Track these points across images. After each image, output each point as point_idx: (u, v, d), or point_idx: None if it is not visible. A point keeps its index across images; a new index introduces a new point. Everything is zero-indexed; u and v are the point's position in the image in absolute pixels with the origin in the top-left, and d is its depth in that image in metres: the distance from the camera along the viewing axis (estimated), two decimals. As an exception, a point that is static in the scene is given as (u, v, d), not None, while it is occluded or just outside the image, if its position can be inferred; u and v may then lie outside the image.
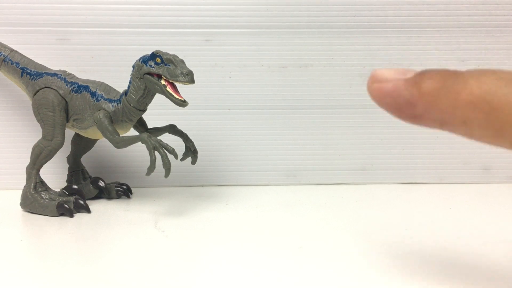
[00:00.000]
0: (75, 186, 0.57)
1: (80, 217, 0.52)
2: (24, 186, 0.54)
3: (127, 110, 0.52)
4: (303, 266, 0.39)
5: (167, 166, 0.49)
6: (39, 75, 0.55)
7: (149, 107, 0.53)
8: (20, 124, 0.63)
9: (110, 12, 0.62)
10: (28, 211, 0.53)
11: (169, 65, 0.49)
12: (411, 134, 0.67)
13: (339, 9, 0.63)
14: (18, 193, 0.54)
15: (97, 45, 0.62)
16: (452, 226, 0.50)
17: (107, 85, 0.55)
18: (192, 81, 0.49)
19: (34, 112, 0.54)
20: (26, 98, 0.61)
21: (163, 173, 0.49)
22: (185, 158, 0.56)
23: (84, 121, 0.54)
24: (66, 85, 0.54)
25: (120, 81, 0.57)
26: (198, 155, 0.57)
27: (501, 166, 0.68)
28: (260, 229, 0.48)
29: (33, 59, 0.57)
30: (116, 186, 0.59)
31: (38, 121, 0.54)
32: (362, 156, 0.67)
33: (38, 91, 0.54)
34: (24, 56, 0.57)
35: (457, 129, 0.23)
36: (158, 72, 0.49)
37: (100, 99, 0.53)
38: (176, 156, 0.50)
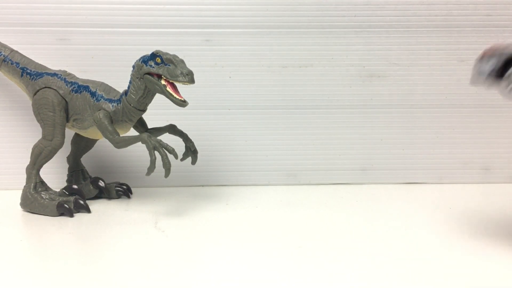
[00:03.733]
0: (75, 186, 0.57)
1: (80, 217, 0.52)
2: (24, 186, 0.54)
3: (127, 110, 0.52)
4: (302, 266, 0.39)
5: (167, 166, 0.49)
6: (39, 75, 0.55)
7: (149, 107, 0.53)
8: (20, 124, 0.63)
9: (110, 12, 0.62)
10: (28, 211, 0.53)
11: (169, 65, 0.49)
12: (411, 134, 0.67)
13: (339, 9, 0.63)
14: (18, 193, 0.54)
15: (97, 45, 0.62)
16: (452, 226, 0.50)
17: (107, 85, 0.55)
18: (192, 81, 0.49)
19: (34, 112, 0.54)
20: (26, 98, 0.61)
21: (163, 173, 0.49)
22: (185, 158, 0.56)
23: (84, 121, 0.54)
24: (66, 85, 0.54)
25: (120, 81, 0.57)
26: (198, 155, 0.57)
27: (501, 166, 0.68)
28: (260, 229, 0.48)
29: (33, 59, 0.57)
30: (116, 186, 0.59)
31: (38, 121, 0.54)
32: (362, 156, 0.67)
33: (38, 91, 0.54)
34: (24, 56, 0.57)
35: None
36: (158, 72, 0.49)
37: (100, 99, 0.53)
38: (176, 156, 0.50)
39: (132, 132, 0.56)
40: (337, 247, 0.44)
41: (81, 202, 0.53)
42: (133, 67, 0.51)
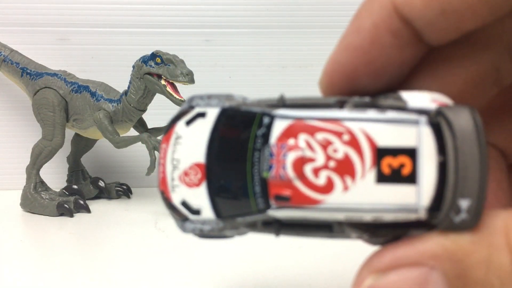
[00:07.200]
0: (75, 186, 0.57)
1: (80, 217, 0.52)
2: (24, 186, 0.54)
3: (127, 110, 0.52)
4: (302, 266, 0.39)
5: (167, 166, 0.49)
6: (39, 75, 0.55)
7: (149, 107, 0.53)
8: (20, 124, 0.63)
9: (110, 12, 0.62)
10: (28, 211, 0.53)
11: (169, 65, 0.49)
12: (411, 134, 0.66)
13: (339, 9, 0.63)
14: (18, 193, 0.54)
15: (97, 45, 0.62)
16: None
17: (107, 85, 0.55)
18: (192, 81, 0.49)
19: (34, 112, 0.54)
20: (26, 98, 0.61)
21: (163, 173, 0.49)
22: (185, 158, 0.56)
23: (84, 121, 0.54)
24: (66, 85, 0.54)
25: (120, 81, 0.57)
26: (198, 155, 0.56)
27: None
28: (260, 229, 0.48)
29: (33, 59, 0.57)
30: (116, 186, 0.59)
31: (38, 121, 0.54)
32: (362, 156, 0.67)
33: (38, 91, 0.54)
34: (24, 56, 0.57)
35: None
36: (158, 72, 0.49)
37: (100, 99, 0.53)
38: (176, 156, 0.50)
39: (132, 132, 0.56)
40: (337, 247, 0.44)
41: (81, 202, 0.53)
42: (133, 67, 0.51)
